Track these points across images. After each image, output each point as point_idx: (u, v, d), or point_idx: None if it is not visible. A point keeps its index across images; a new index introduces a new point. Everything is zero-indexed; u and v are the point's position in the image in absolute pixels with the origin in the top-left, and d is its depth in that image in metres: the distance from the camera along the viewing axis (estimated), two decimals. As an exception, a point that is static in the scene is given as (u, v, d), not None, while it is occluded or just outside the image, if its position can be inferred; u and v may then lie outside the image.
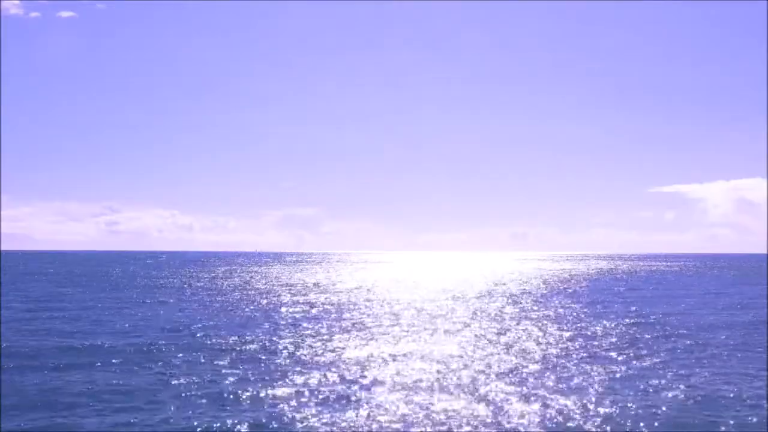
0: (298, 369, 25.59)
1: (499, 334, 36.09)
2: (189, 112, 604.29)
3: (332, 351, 29.83)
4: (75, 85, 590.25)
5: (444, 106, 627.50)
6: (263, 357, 28.22)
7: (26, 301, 55.69)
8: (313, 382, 23.38)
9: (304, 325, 39.43)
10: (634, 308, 52.23)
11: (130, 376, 24.35)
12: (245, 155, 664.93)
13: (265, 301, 56.81)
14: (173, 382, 23.23)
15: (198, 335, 34.64)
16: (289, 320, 41.94)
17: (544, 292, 72.33)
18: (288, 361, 27.40)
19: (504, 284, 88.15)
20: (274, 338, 33.59)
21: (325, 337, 34.29)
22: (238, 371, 25.14)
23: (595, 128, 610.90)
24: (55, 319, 41.40)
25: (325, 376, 24.30)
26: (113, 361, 27.12)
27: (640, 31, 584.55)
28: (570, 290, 75.26)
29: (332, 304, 53.61)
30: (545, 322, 42.01)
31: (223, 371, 25.18)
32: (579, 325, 40.41)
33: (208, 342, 32.31)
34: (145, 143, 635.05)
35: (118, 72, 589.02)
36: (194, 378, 23.85)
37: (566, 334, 35.86)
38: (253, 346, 30.89)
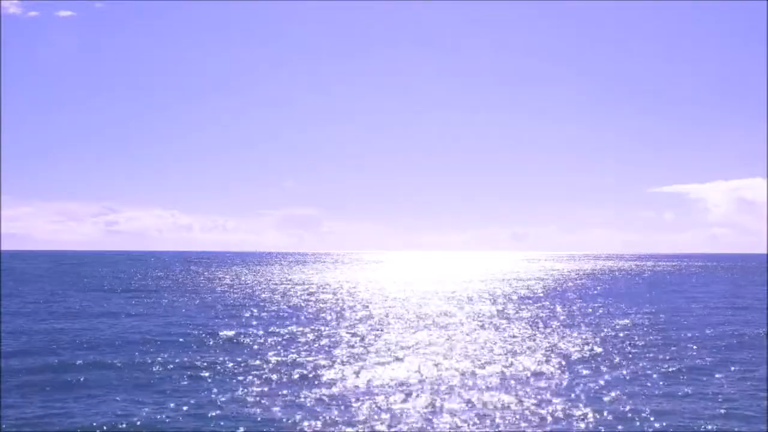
0: (298, 371, 24.62)
1: (501, 335, 34.83)
2: (189, 112, 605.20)
3: (333, 353, 28.70)
4: (74, 84, 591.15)
5: (444, 106, 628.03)
6: (267, 371, 26.89)
7: (26, 303, 55.06)
8: (312, 384, 22.45)
9: (305, 324, 38.13)
10: (634, 309, 52.10)
11: (140, 396, 23.22)
12: (245, 155, 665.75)
13: (266, 305, 56.13)
14: (178, 397, 22.10)
15: (203, 340, 33.39)
16: (290, 321, 41.07)
17: (549, 292, 71.55)
18: (292, 365, 26.26)
19: (517, 283, 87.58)
20: (281, 346, 32.21)
21: (326, 339, 33.16)
22: (241, 377, 24.13)
23: (595, 128, 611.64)
24: (58, 326, 39.87)
25: (324, 377, 23.64)
26: (122, 377, 25.89)
27: (640, 31, 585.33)
28: (572, 291, 74.50)
29: (333, 305, 53.05)
30: (545, 323, 41.28)
31: (234, 378, 24.10)
32: (579, 326, 39.42)
33: (216, 350, 30.90)
34: (145, 143, 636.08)
35: (117, 71, 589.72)
36: (206, 395, 22.83)
37: (564, 338, 35.04)
38: (256, 356, 29.52)
